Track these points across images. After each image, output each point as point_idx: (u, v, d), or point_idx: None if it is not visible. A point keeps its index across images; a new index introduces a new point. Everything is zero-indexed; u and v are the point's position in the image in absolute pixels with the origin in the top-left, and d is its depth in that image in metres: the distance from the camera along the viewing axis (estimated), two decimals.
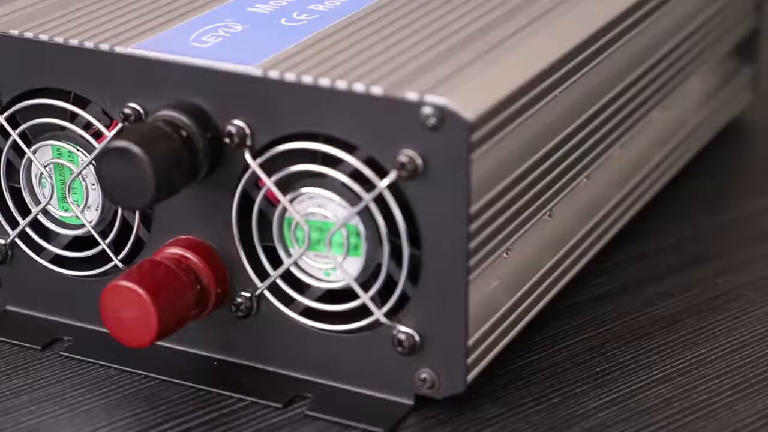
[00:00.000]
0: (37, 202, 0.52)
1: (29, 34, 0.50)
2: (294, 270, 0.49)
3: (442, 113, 0.46)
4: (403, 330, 0.48)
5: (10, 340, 0.53)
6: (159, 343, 0.49)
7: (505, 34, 0.51)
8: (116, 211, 0.51)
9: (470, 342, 0.48)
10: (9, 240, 0.53)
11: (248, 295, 0.50)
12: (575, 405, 0.49)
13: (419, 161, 0.46)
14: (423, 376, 0.48)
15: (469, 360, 0.48)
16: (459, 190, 0.46)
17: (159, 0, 0.53)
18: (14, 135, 0.51)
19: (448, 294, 0.47)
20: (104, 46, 0.49)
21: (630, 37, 0.55)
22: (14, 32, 0.51)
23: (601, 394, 0.50)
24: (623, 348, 0.52)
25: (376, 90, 0.46)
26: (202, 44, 0.50)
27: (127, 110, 0.49)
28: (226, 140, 0.48)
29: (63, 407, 0.49)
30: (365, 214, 0.48)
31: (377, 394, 0.49)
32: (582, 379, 0.50)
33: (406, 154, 0.46)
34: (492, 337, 0.49)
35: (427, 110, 0.46)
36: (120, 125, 0.50)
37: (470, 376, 0.48)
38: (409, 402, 0.49)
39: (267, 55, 0.49)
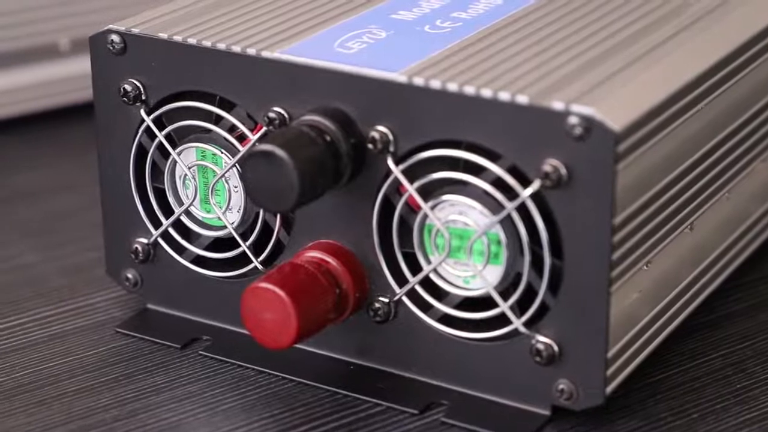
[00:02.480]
0: (181, 203, 0.53)
1: (177, 38, 0.51)
2: (433, 277, 0.49)
3: (589, 123, 0.45)
4: (542, 340, 0.48)
5: (150, 338, 0.53)
6: (296, 345, 0.50)
7: (651, 45, 0.50)
8: (257, 214, 0.52)
9: (610, 354, 0.47)
10: (152, 239, 0.54)
11: (386, 300, 0.50)
12: (715, 421, 0.48)
13: (563, 171, 0.46)
14: (561, 387, 0.48)
15: (609, 372, 0.47)
16: (603, 200, 0.46)
17: (304, 6, 0.54)
18: (160, 136, 0.52)
19: (590, 305, 0.47)
20: (251, 51, 0.50)
21: None
22: (163, 36, 0.51)
23: (742, 412, 0.49)
24: (764, 365, 0.51)
25: (522, 99, 0.46)
26: (347, 50, 0.50)
27: (271, 114, 0.50)
28: (369, 146, 0.49)
29: (202, 406, 0.50)
30: (507, 223, 0.47)
31: (514, 404, 0.49)
32: (722, 396, 0.50)
33: (550, 164, 0.46)
34: (631, 350, 0.49)
35: (573, 120, 0.45)
36: (264, 129, 0.50)
37: (609, 389, 0.48)
38: (546, 413, 0.49)
39: (411, 62, 0.49)
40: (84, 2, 0.71)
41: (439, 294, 0.50)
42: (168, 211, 0.53)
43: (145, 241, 0.54)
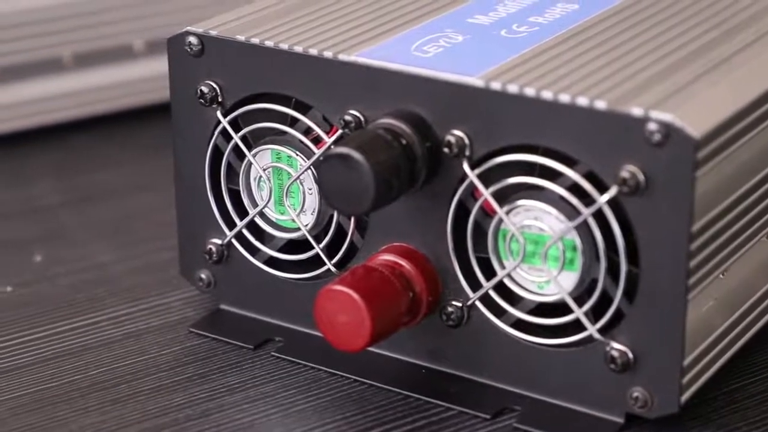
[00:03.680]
0: (255, 204, 0.53)
1: (255, 40, 0.51)
2: (507, 282, 0.49)
3: (668, 129, 0.45)
4: (616, 347, 0.47)
5: (224, 338, 0.54)
6: (369, 348, 0.50)
7: (730, 51, 0.50)
8: (331, 216, 0.52)
9: (685, 362, 0.47)
10: (226, 240, 0.54)
11: (459, 304, 0.50)
12: None
13: (641, 177, 0.46)
14: (635, 394, 0.47)
15: (684, 380, 0.47)
16: (682, 208, 0.45)
17: (380, 9, 0.54)
18: (236, 138, 0.53)
19: (666, 313, 0.46)
20: (328, 54, 0.50)
21: None
22: (240, 38, 0.52)
23: None
24: None
25: (600, 104, 0.46)
26: (424, 54, 0.50)
27: (347, 117, 0.50)
28: (445, 150, 0.49)
29: (275, 407, 0.50)
30: (582, 229, 0.47)
31: (587, 410, 0.49)
32: None
33: (628, 170, 0.46)
34: (707, 359, 0.48)
35: (652, 126, 0.45)
36: (340, 132, 0.50)
37: (684, 397, 0.47)
38: (620, 420, 0.48)
39: (488, 66, 0.49)
40: (157, 4, 0.72)
41: (513, 299, 0.49)
42: (242, 213, 0.54)
43: (219, 241, 0.54)
